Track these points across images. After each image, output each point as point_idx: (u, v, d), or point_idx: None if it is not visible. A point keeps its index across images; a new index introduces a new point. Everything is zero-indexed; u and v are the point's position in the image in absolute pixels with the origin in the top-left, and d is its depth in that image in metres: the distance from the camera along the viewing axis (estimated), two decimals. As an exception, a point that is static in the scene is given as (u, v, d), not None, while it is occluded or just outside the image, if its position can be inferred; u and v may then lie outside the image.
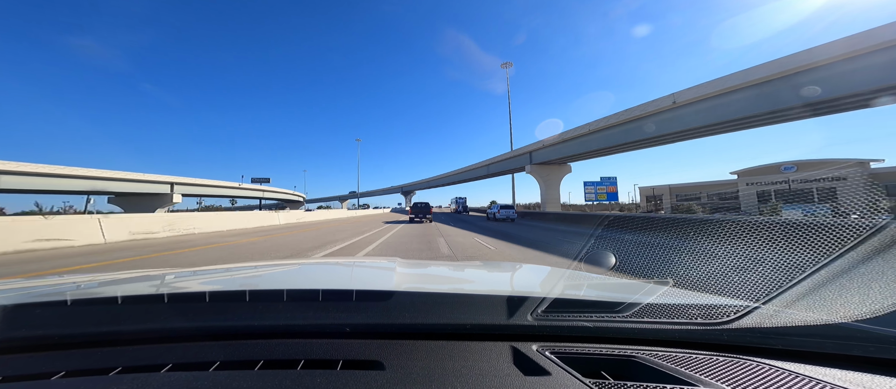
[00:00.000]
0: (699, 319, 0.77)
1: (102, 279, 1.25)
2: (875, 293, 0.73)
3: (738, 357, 0.68)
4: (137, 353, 0.72)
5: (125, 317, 0.80)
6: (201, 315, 0.83)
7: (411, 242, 9.28)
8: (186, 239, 10.16)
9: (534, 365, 0.65)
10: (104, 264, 5.99)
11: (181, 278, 1.28)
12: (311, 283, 1.19)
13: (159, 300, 0.86)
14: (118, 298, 0.80)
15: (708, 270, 1.15)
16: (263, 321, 0.80)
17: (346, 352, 0.70)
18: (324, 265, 1.80)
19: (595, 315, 0.79)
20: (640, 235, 3.13)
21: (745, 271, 1.00)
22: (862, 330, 0.70)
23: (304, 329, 0.79)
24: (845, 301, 0.74)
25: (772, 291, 0.82)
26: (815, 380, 0.59)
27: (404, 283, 1.18)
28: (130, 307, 0.82)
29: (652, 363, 0.66)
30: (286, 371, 0.63)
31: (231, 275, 1.40)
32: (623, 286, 1.13)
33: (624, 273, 1.30)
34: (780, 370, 0.63)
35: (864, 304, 0.72)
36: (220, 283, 1.23)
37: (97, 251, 7.72)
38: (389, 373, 0.62)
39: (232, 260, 6.42)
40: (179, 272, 1.40)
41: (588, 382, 0.59)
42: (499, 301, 0.83)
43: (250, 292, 0.84)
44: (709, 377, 0.61)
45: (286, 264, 1.89)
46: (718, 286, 1.02)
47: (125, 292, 0.85)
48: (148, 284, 1.15)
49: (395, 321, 0.80)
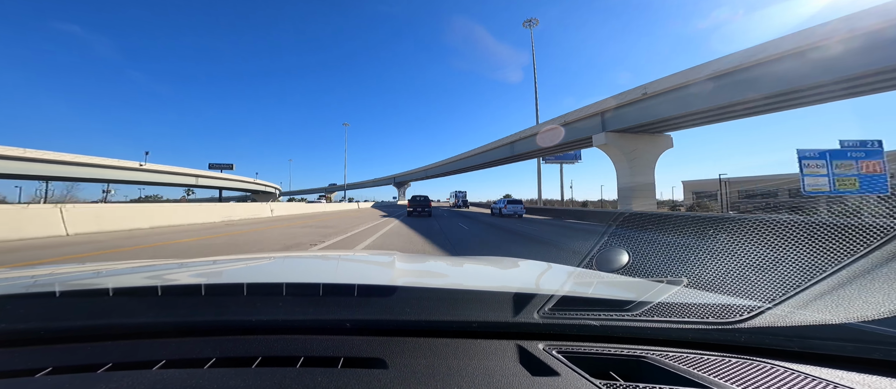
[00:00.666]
0: (711, 319, 0.76)
1: (88, 270, 1.22)
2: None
3: (750, 359, 0.67)
4: (128, 348, 0.69)
5: (115, 310, 0.77)
6: (196, 310, 0.81)
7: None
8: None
9: (541, 365, 0.65)
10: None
11: (172, 270, 1.24)
12: (311, 276, 1.16)
13: (152, 293, 0.82)
14: (108, 290, 0.77)
15: (723, 269, 1.12)
16: (261, 317, 0.77)
17: (347, 349, 0.69)
18: (322, 258, 1.79)
19: (603, 314, 0.78)
20: (655, 233, 3.05)
21: (761, 270, 0.98)
22: (882, 334, 0.67)
23: (303, 325, 0.77)
24: (864, 303, 0.72)
25: (788, 291, 0.80)
26: (831, 383, 0.58)
27: (407, 278, 1.16)
28: (121, 299, 0.79)
29: (662, 363, 0.65)
30: (285, 368, 0.62)
31: (226, 267, 1.36)
32: (634, 284, 1.11)
33: (638, 273, 1.28)
34: (795, 372, 0.61)
35: (884, 305, 0.70)
36: (215, 276, 1.20)
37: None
38: (393, 371, 0.61)
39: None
40: (170, 264, 1.35)
41: (597, 383, 0.58)
42: (505, 298, 0.82)
43: (248, 285, 0.82)
44: (721, 378, 0.60)
45: (284, 256, 1.86)
46: (734, 286, 1.00)
47: (116, 284, 0.81)
48: (139, 276, 1.11)
49: (398, 318, 0.79)
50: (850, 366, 0.64)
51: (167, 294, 0.81)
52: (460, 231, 11.46)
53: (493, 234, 10.68)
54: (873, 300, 0.71)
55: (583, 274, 1.34)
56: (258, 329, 0.76)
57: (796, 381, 0.59)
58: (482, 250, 7.58)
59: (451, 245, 7.96)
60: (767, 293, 0.86)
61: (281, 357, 0.66)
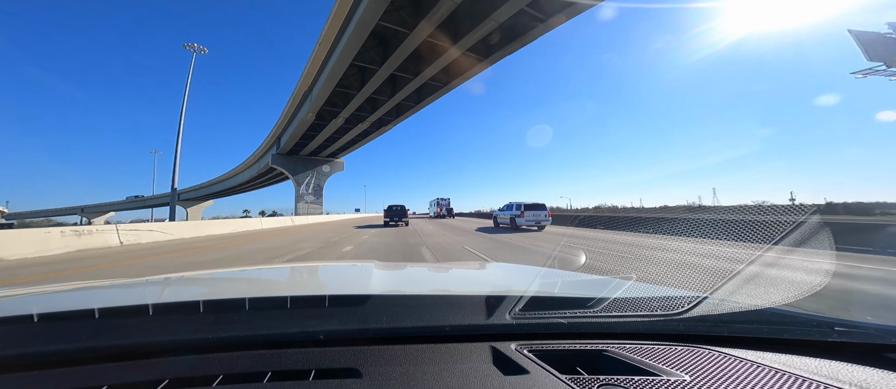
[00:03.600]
0: (659, 311, 0.85)
1: (14, 293, 1.10)
2: (799, 280, 0.85)
3: (693, 347, 0.76)
4: (64, 377, 0.64)
5: (47, 336, 0.72)
6: (144, 330, 0.75)
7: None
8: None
9: (513, 364, 0.67)
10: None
11: (117, 289, 1.15)
12: (279, 289, 1.13)
13: (89, 317, 0.76)
14: (34, 315, 0.72)
15: (666, 262, 1.26)
16: (220, 333, 0.74)
17: (318, 361, 0.67)
18: (293, 268, 1.74)
19: (569, 312, 0.83)
20: (606, 232, 3.30)
21: (694, 266, 1.11)
22: (790, 315, 0.80)
23: (270, 339, 0.74)
24: (776, 289, 0.85)
25: (716, 282, 0.92)
26: (756, 364, 0.67)
27: (380, 286, 1.15)
28: (53, 324, 0.74)
29: (620, 355, 0.71)
30: (250, 384, 0.60)
31: (183, 285, 1.28)
32: (592, 282, 1.20)
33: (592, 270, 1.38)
34: (729, 356, 0.71)
35: (790, 290, 0.83)
36: (168, 294, 1.13)
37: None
38: (366, 381, 0.61)
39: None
40: (114, 284, 1.25)
41: (564, 378, 0.62)
42: (478, 301, 0.84)
43: (205, 302, 0.79)
44: (668, 366, 0.67)
45: (251, 269, 1.78)
46: (675, 279, 1.13)
47: (46, 308, 0.76)
48: (75, 298, 1.04)
49: (371, 326, 0.78)
50: (770, 347, 0.75)
51: (107, 317, 0.76)
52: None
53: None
54: (782, 285, 0.85)
55: (548, 274, 1.41)
56: (218, 347, 0.72)
57: (730, 364, 0.68)
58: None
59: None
60: (703, 283, 0.98)
61: (245, 374, 0.63)
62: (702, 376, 0.63)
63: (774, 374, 0.62)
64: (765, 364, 0.66)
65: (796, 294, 0.82)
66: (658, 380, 0.62)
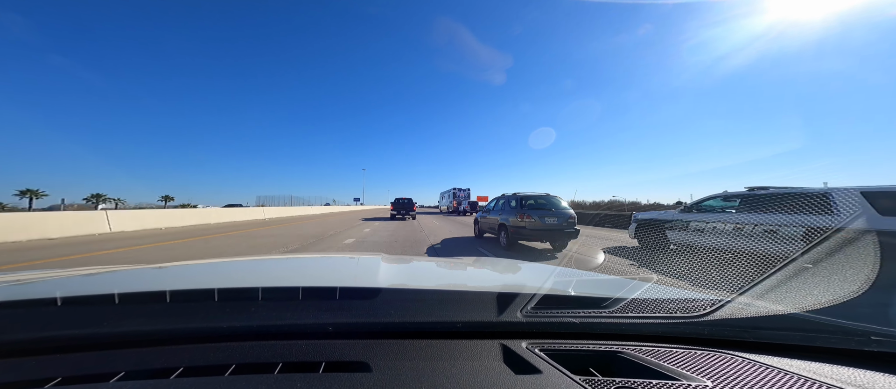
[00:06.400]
0: (679, 313, 0.81)
1: (37, 277, 1.13)
2: (835, 286, 0.79)
3: (713, 351, 0.73)
4: (82, 360, 0.64)
5: (67, 321, 0.73)
6: (160, 317, 0.76)
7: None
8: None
9: (524, 363, 0.65)
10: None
11: (135, 276, 1.16)
12: (290, 280, 1.13)
13: (109, 302, 0.77)
14: (57, 299, 0.72)
15: (689, 265, 1.21)
16: (234, 323, 0.74)
17: (328, 354, 0.67)
18: (302, 259, 1.73)
19: (582, 311, 0.81)
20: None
21: (723, 265, 1.06)
22: (822, 322, 0.75)
23: (281, 330, 0.74)
24: (807, 294, 0.80)
25: (744, 284, 0.88)
26: (781, 370, 0.64)
27: (391, 280, 1.14)
28: (73, 308, 0.74)
29: (636, 358, 0.69)
30: (261, 375, 0.59)
31: (197, 272, 1.29)
32: (609, 282, 1.16)
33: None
34: (753, 362, 0.67)
35: (823, 295, 0.78)
36: (184, 281, 1.14)
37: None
38: (376, 375, 0.60)
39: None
40: (132, 269, 1.26)
41: (578, 379, 0.60)
42: (489, 298, 0.82)
43: (220, 291, 0.79)
44: (688, 370, 0.64)
45: (261, 259, 1.79)
46: (699, 280, 1.08)
47: (67, 292, 0.76)
48: (94, 282, 1.04)
49: (381, 320, 0.77)
50: (796, 354, 0.71)
51: (126, 303, 0.78)
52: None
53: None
54: (814, 291, 0.80)
55: (563, 273, 1.38)
56: (232, 336, 0.73)
57: (753, 369, 0.65)
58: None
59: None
60: (729, 285, 0.93)
61: (257, 364, 0.64)
62: (725, 382, 0.60)
63: (805, 383, 0.59)
64: (794, 373, 0.63)
65: (831, 300, 0.77)
66: (677, 384, 0.59)
